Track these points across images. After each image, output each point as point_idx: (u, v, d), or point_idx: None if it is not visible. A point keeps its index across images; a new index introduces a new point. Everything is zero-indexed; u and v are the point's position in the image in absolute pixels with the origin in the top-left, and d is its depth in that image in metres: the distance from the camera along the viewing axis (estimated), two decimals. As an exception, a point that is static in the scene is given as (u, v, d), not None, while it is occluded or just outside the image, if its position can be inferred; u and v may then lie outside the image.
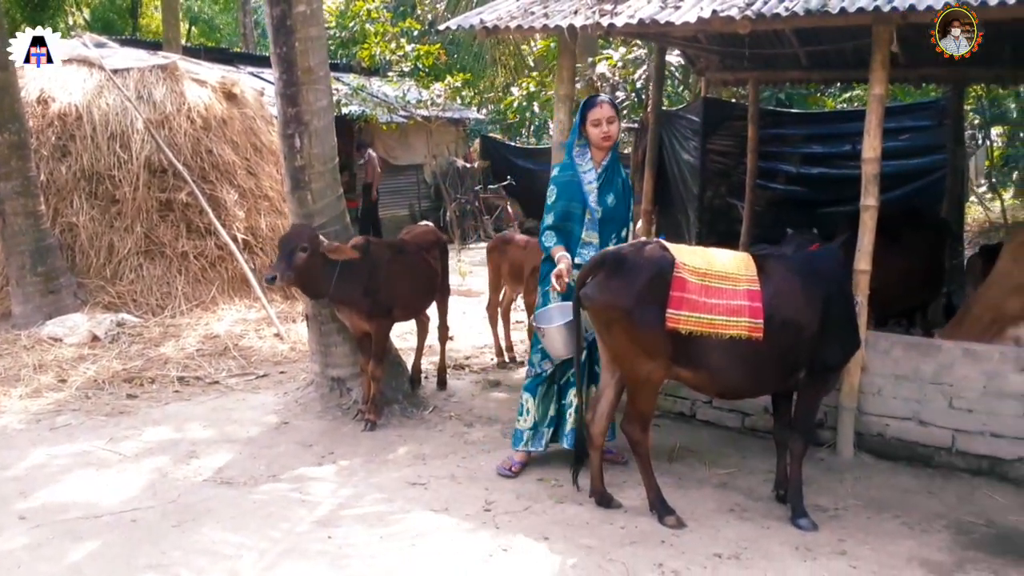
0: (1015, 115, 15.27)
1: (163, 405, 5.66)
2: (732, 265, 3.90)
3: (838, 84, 9.78)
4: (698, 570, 3.58)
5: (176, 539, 3.77)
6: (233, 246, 7.97)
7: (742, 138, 8.02)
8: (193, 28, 24.90)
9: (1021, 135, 15.88)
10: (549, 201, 4.46)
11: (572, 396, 4.50)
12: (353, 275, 4.97)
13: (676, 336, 3.74)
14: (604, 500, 4.14)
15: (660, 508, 3.98)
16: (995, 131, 16.60)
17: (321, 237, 4.93)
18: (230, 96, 9.01)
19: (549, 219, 4.44)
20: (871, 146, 4.58)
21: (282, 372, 6.41)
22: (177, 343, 6.89)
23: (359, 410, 5.34)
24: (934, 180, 7.50)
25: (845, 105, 12.50)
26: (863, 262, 4.66)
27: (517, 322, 7.60)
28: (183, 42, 18.48)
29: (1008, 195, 15.81)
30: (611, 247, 4.13)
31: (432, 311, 6.14)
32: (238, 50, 18.37)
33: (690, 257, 3.86)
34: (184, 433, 5.12)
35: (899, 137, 7.99)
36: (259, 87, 10.45)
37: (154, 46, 13.28)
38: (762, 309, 3.79)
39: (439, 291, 5.97)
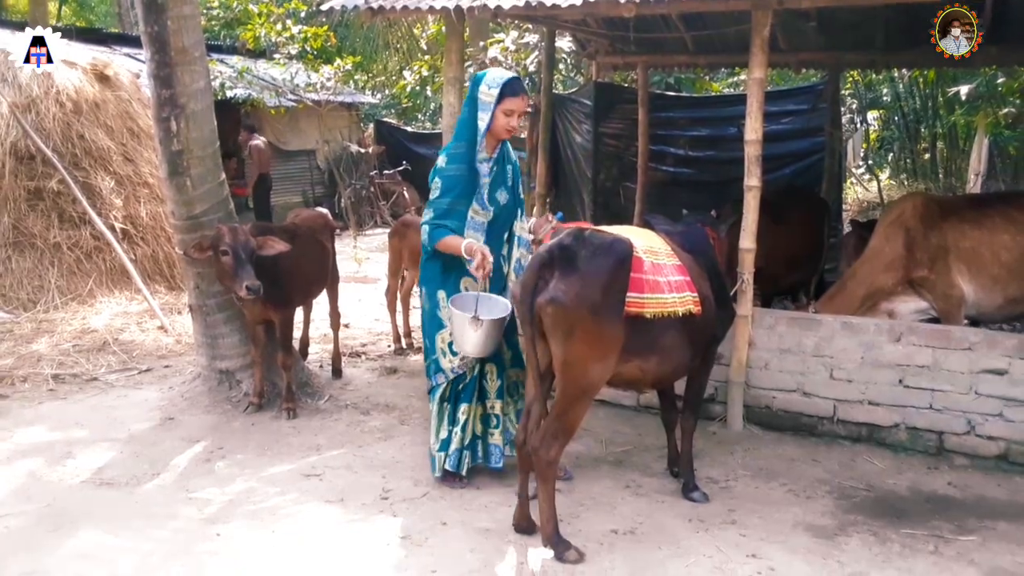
0: (889, 100, 16.06)
1: (36, 405, 5.33)
2: (653, 240, 3.79)
3: (723, 69, 10.06)
4: (594, 547, 3.61)
5: (52, 545, 3.55)
6: (110, 236, 7.57)
7: (633, 121, 8.15)
8: (64, 8, 23.49)
9: (895, 119, 16.73)
10: (433, 196, 3.94)
11: (462, 412, 4.11)
12: (261, 265, 4.79)
13: (632, 324, 3.45)
14: (528, 529, 3.68)
15: (557, 543, 3.49)
16: (871, 115, 17.46)
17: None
18: (103, 78, 8.53)
19: (427, 216, 3.95)
20: (753, 128, 4.71)
21: (167, 366, 6.14)
22: (51, 339, 6.50)
23: (250, 402, 5.17)
24: (813, 161, 7.81)
25: (731, 89, 12.89)
26: (747, 240, 4.81)
27: (416, 308, 7.51)
28: (54, 23, 17.47)
29: (884, 176, 16.64)
30: (551, 243, 3.56)
31: (321, 298, 6.01)
32: (114, 31, 17.45)
33: (629, 234, 3.62)
34: (60, 433, 4.83)
35: (780, 120, 8.29)
36: (136, 69, 9.92)
37: (20, 27, 12.45)
38: (693, 283, 3.74)
39: (330, 275, 5.86)
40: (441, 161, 3.97)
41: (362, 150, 16.46)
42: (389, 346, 6.84)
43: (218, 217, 5.11)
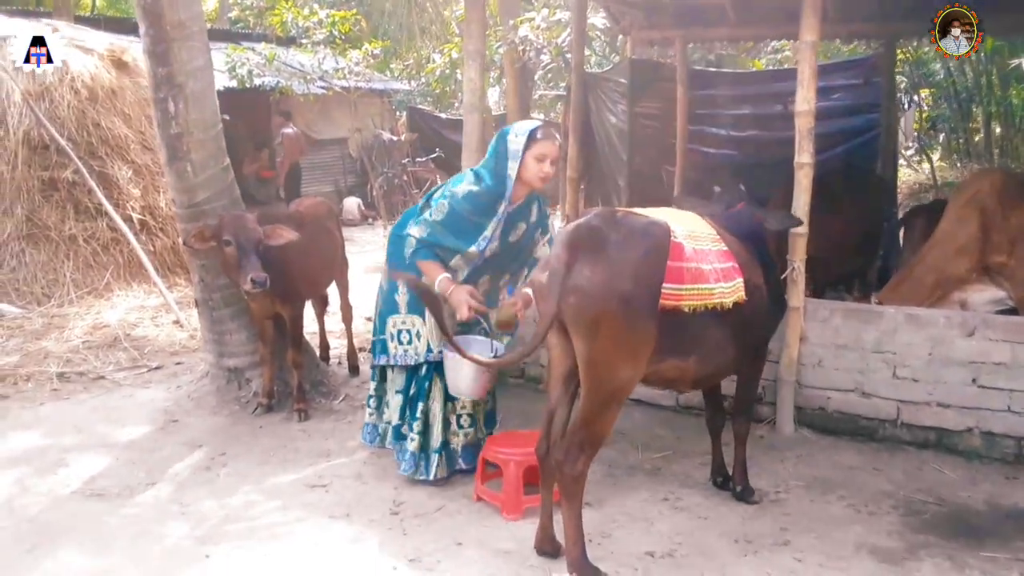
0: (940, 77, 15.27)
1: (37, 406, 5.04)
2: (695, 224, 3.34)
3: (769, 41, 9.47)
4: (627, 572, 3.19)
5: (25, 567, 3.23)
6: (125, 227, 7.30)
7: (671, 100, 7.63)
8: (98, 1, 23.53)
9: (946, 97, 15.91)
10: (433, 217, 3.62)
11: (422, 407, 3.85)
12: (267, 256, 4.43)
13: (670, 319, 3.02)
14: (552, 552, 3.27)
15: (584, 568, 3.07)
16: (922, 93, 16.64)
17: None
18: (120, 65, 8.26)
19: (419, 232, 3.64)
20: (805, 98, 4.22)
21: (178, 363, 5.83)
22: (61, 335, 6.24)
23: (258, 403, 4.83)
24: (867, 139, 7.21)
25: (774, 66, 12.25)
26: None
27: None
28: (86, 13, 17.37)
29: (935, 157, 15.86)
30: (578, 222, 3.09)
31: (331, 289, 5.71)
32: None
33: (667, 217, 3.19)
34: (56, 438, 4.53)
35: (831, 96, 7.69)
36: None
37: (46, 15, 12.31)
38: (740, 269, 3.30)
39: (340, 265, 5.51)
40: (461, 190, 3.65)
41: (395, 138, 16.13)
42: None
43: (222, 205, 4.77)
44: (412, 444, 3.85)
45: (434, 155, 15.91)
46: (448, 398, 3.88)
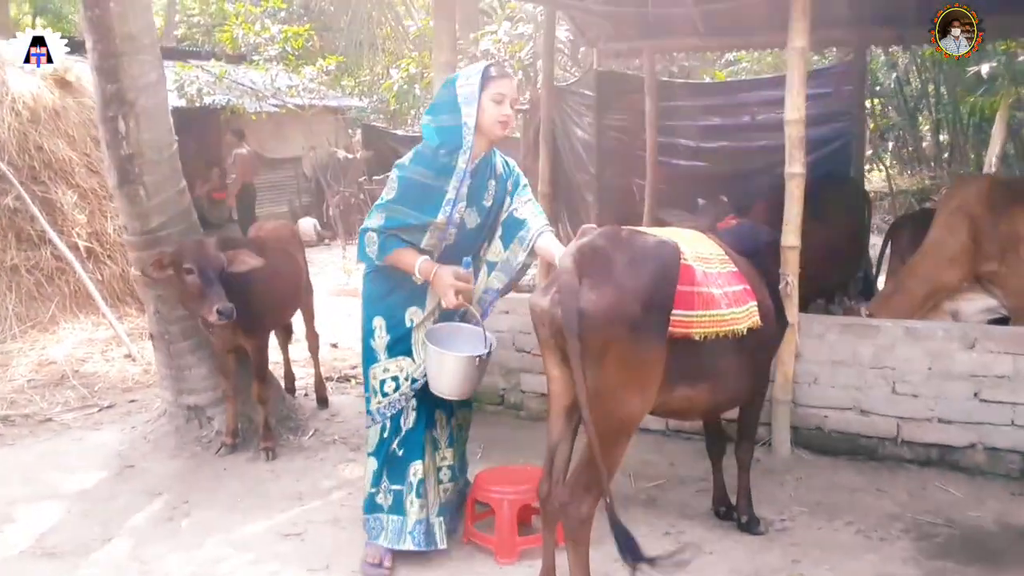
0: (892, 86, 15.44)
1: (-22, 454, 4.65)
2: (702, 244, 3.12)
3: (734, 52, 9.39)
4: (637, 620, 2.95)
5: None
6: (71, 256, 6.88)
7: (639, 112, 7.47)
8: (40, 19, 22.82)
9: (896, 104, 16.09)
10: (387, 196, 3.14)
11: (416, 469, 3.32)
12: (229, 284, 4.11)
13: (680, 346, 2.82)
14: None
15: None
16: (869, 104, 16.82)
17: None
18: (63, 84, 7.83)
19: (376, 222, 3.13)
20: (795, 106, 4.05)
21: (132, 401, 5.45)
22: (4, 373, 5.81)
23: (222, 443, 4.50)
24: (837, 148, 7.13)
25: (731, 77, 12.23)
26: (791, 237, 4.16)
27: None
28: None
29: (886, 164, 16.03)
30: (580, 241, 2.85)
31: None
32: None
33: (673, 237, 2.97)
34: (1, 489, 4.14)
35: (799, 105, 7.62)
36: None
37: (-19, 35, 11.77)
38: (752, 291, 3.09)
39: (305, 292, 5.22)
40: (407, 158, 3.18)
41: (350, 156, 15.82)
42: (382, 367, 6.17)
43: (179, 231, 4.45)
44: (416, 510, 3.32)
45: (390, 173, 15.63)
46: (434, 448, 3.42)
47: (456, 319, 3.30)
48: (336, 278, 9.98)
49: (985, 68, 9.40)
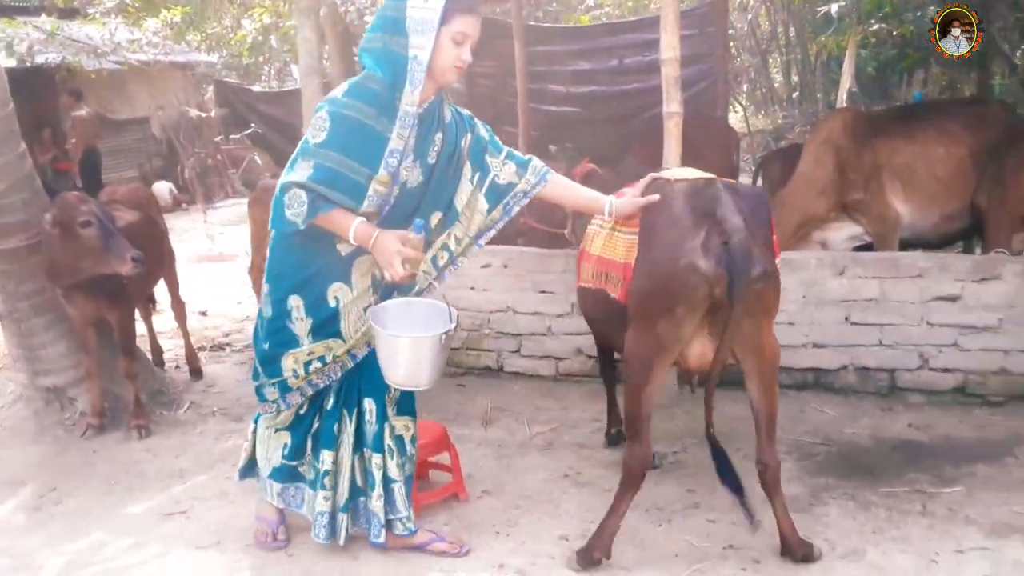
0: (744, 29, 15.96)
1: None
2: None
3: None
4: (546, 562, 2.95)
5: None
6: None
7: (508, 58, 7.37)
8: None
9: (748, 49, 16.67)
10: (314, 139, 2.54)
11: (325, 458, 2.87)
12: None
13: None
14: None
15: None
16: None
17: None
18: None
19: (303, 174, 2.52)
20: (669, 45, 4.06)
21: (-19, 387, 4.99)
22: None
23: (88, 424, 4.17)
24: (703, 89, 7.29)
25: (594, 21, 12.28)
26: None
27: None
28: None
29: (743, 104, 16.63)
30: (711, 186, 2.72)
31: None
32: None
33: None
34: None
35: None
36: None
37: None
38: None
39: (167, 258, 4.91)
40: (338, 89, 2.63)
41: (203, 115, 14.99)
42: (258, 332, 5.91)
43: (22, 199, 4.05)
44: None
45: (249, 131, 14.96)
46: (359, 445, 2.92)
47: (395, 294, 2.80)
48: (198, 244, 9.47)
49: (834, 8, 9.77)
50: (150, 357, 4.97)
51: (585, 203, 2.97)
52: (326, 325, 2.73)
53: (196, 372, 5.00)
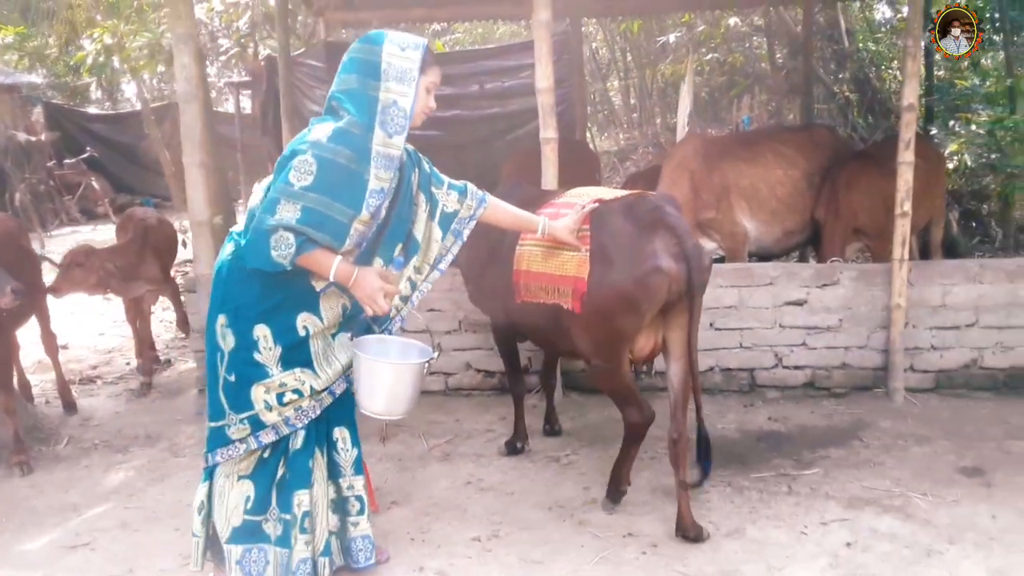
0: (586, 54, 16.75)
1: None
2: None
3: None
4: (464, 563, 3.12)
5: None
6: None
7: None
8: None
9: (590, 73, 17.51)
10: (299, 183, 2.54)
11: (302, 499, 2.80)
12: None
13: None
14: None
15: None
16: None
17: None
18: None
19: (290, 216, 2.52)
20: (544, 75, 4.35)
21: None
22: None
23: (-35, 464, 3.97)
24: (562, 112, 7.65)
25: (448, 48, 12.60)
26: (550, 197, 4.48)
27: (169, 321, 6.42)
28: None
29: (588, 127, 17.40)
30: (653, 201, 3.17)
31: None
32: None
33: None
34: None
35: (520, 75, 8.09)
36: None
37: None
38: None
39: (39, 290, 4.71)
40: (321, 133, 2.60)
41: (32, 138, 14.09)
42: (128, 363, 5.73)
43: None
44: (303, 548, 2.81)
45: (85, 155, 14.24)
46: (333, 475, 2.95)
47: (374, 327, 2.90)
48: (47, 276, 8.93)
49: (672, 38, 10.53)
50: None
51: (521, 223, 3.22)
52: (295, 351, 2.73)
53: (70, 406, 4.82)
